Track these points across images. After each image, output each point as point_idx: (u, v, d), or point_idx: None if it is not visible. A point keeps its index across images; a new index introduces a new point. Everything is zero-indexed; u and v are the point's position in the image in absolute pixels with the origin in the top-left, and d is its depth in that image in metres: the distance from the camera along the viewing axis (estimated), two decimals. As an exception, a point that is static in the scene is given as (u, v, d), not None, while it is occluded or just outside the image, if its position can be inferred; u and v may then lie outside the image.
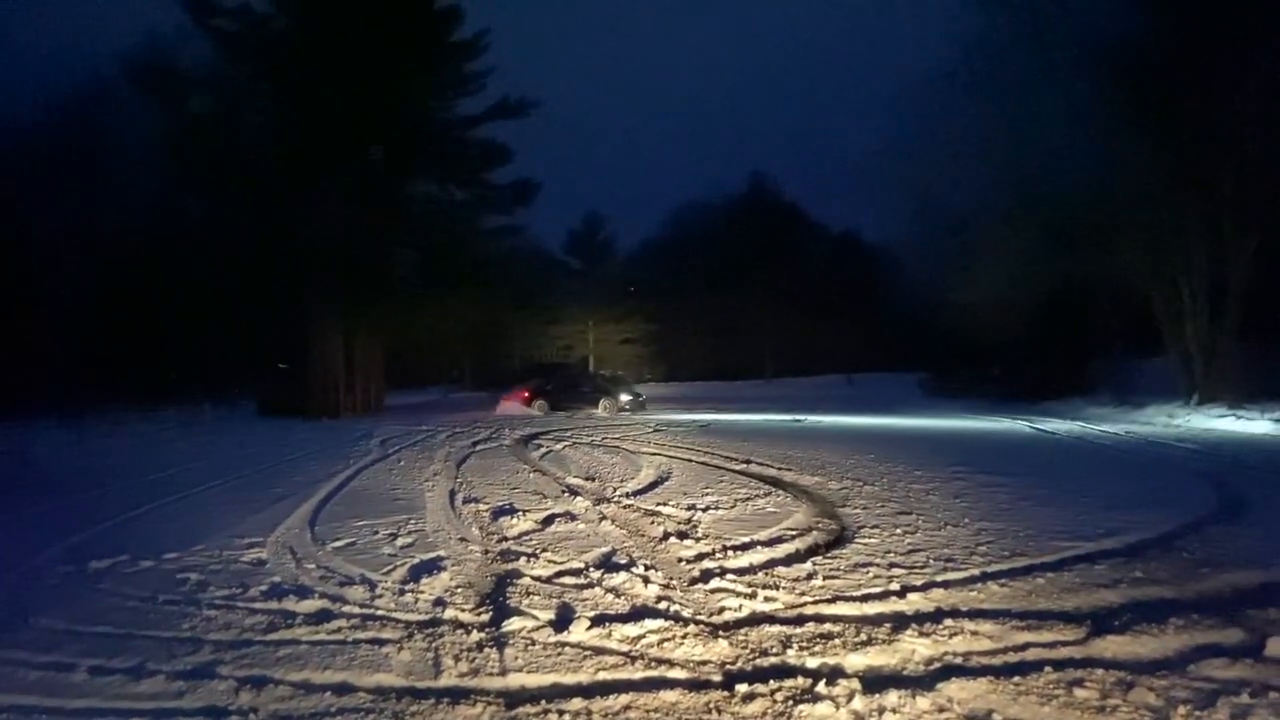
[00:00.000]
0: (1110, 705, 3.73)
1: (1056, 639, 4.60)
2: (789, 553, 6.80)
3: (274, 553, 7.19)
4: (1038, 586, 5.65)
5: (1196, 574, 5.89)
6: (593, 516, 8.49)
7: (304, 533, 8.07)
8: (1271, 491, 9.75)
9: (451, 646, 4.68)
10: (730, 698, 3.90)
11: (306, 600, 5.65)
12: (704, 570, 6.21)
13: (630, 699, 3.91)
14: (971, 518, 8.11)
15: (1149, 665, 4.19)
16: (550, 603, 5.44)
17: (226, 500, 10.31)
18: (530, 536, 7.63)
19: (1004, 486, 10.06)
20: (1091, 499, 9.01)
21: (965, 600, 5.38)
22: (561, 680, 4.21)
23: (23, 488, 12.24)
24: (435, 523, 8.43)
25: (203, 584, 6.15)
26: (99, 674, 4.38)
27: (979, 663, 4.29)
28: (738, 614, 5.16)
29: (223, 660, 4.54)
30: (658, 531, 7.65)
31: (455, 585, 5.98)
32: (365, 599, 5.68)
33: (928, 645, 4.52)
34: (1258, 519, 7.99)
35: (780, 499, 9.53)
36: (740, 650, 4.52)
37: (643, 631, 4.80)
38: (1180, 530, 7.34)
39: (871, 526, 7.75)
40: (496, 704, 3.91)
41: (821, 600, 5.40)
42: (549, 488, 10.76)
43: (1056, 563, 6.26)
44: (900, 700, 3.78)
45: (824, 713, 3.70)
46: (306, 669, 4.41)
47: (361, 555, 7.02)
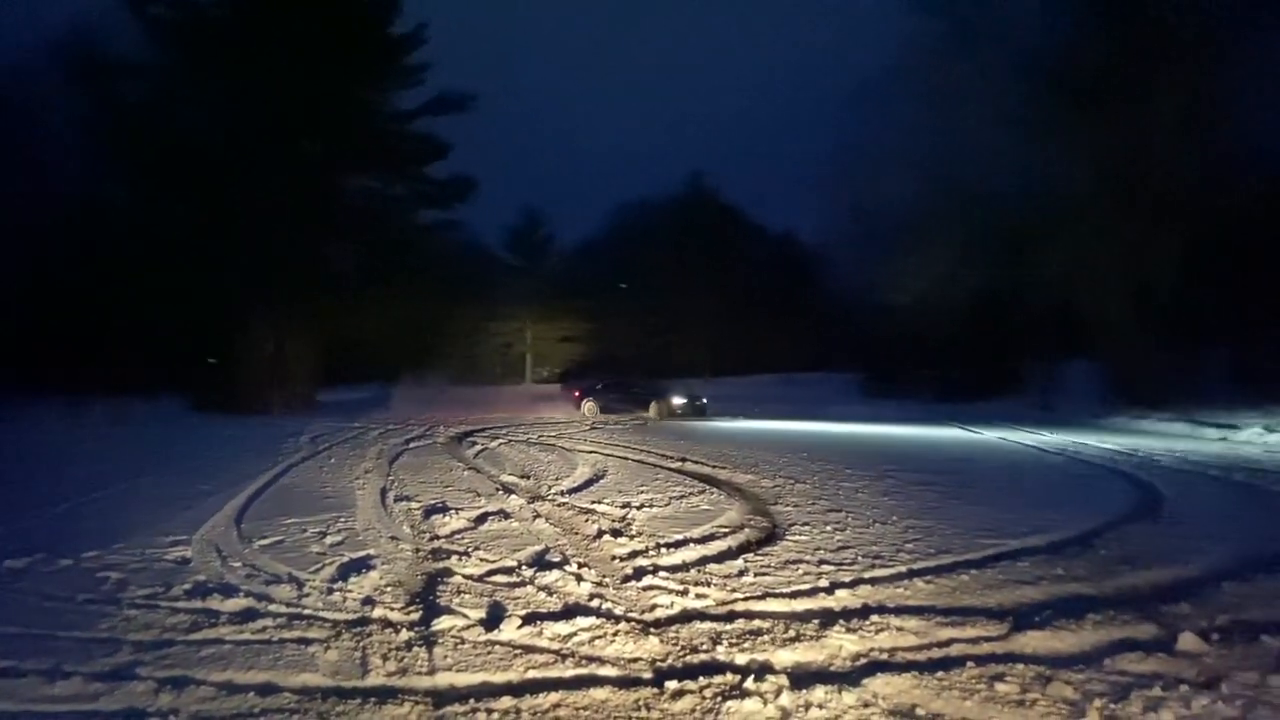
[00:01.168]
0: (1029, 699, 3.83)
1: (979, 635, 4.70)
2: (721, 550, 6.85)
3: (199, 551, 7.03)
4: (962, 583, 5.77)
5: (1114, 571, 6.06)
6: (526, 514, 8.45)
7: (230, 530, 7.91)
8: (1183, 490, 10.07)
9: (380, 646, 4.63)
10: (660, 695, 3.92)
11: (231, 599, 5.54)
12: (637, 568, 6.23)
13: (560, 697, 3.91)
14: (900, 515, 8.25)
15: (1067, 660, 4.30)
16: (481, 601, 5.41)
17: (151, 497, 10.05)
18: (463, 535, 7.57)
19: (932, 485, 10.24)
20: (1015, 499, 9.22)
21: (892, 597, 5.47)
22: (491, 679, 4.19)
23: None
24: (366, 521, 8.32)
25: (123, 583, 5.99)
26: (12, 676, 4.23)
27: (904, 658, 4.37)
28: (669, 611, 5.18)
29: (143, 661, 4.43)
30: (592, 529, 7.65)
31: (385, 584, 5.90)
32: (292, 598, 5.58)
33: (855, 641, 4.59)
34: (1173, 517, 8.24)
35: (714, 496, 9.59)
36: (671, 647, 4.54)
37: (574, 629, 4.79)
38: (1099, 529, 7.55)
39: (802, 524, 7.84)
40: (424, 703, 3.87)
41: (752, 597, 5.45)
42: (483, 485, 10.69)
43: (981, 560, 6.40)
44: (826, 696, 3.84)
45: (752, 709, 3.73)
46: (230, 669, 4.32)
47: (289, 553, 6.89)
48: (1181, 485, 10.47)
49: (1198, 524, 7.87)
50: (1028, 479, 11.14)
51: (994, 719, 3.65)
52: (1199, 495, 9.89)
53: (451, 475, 11.77)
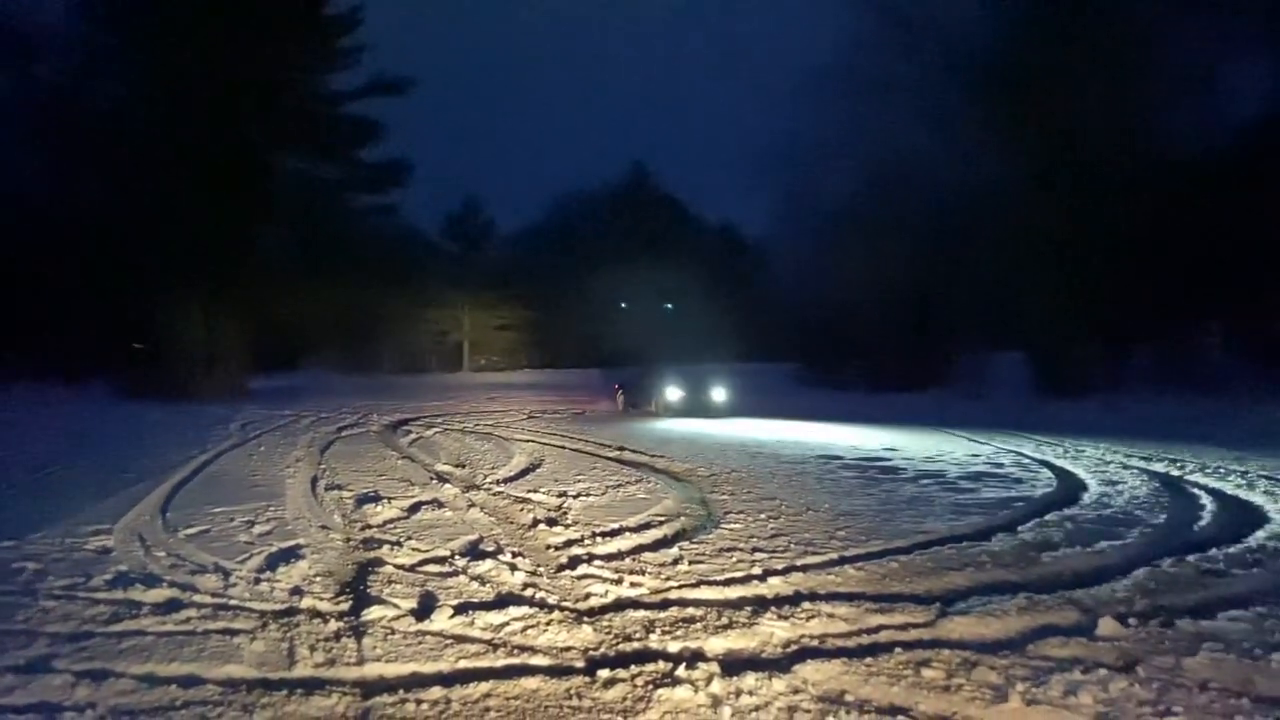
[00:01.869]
0: (955, 684, 3.89)
1: (907, 621, 4.77)
2: (657, 538, 6.87)
3: (121, 540, 6.85)
4: (891, 570, 5.86)
5: (1038, 558, 6.21)
6: (461, 504, 8.38)
7: (155, 519, 7.71)
8: (1097, 472, 10.30)
9: (308, 636, 4.55)
10: (591, 683, 3.91)
11: (155, 589, 5.40)
12: (572, 557, 6.21)
13: (491, 687, 3.88)
14: (832, 503, 8.35)
15: (992, 645, 4.39)
16: (413, 591, 5.35)
17: (72, 485, 9.77)
18: (395, 524, 7.48)
19: (864, 473, 10.38)
20: (940, 485, 9.39)
21: (823, 584, 5.53)
22: (421, 669, 4.14)
23: None
24: (295, 510, 8.17)
25: (41, 573, 5.80)
26: (-80, 671, 4.08)
27: (834, 645, 4.42)
28: (603, 600, 5.18)
29: (60, 654, 4.30)
30: (527, 518, 7.62)
31: (314, 574, 5.81)
32: (218, 588, 5.46)
33: (786, 628, 4.63)
34: (1091, 503, 8.44)
35: (651, 485, 9.61)
36: (604, 636, 4.54)
37: (507, 619, 4.77)
38: (1025, 515, 7.71)
39: (737, 512, 7.89)
40: (352, 694, 3.82)
41: (686, 585, 5.47)
42: (416, 475, 10.58)
43: (909, 547, 6.50)
44: (757, 682, 3.86)
45: (683, 696, 3.75)
46: (151, 661, 4.21)
47: (216, 543, 6.75)
48: (1102, 469, 10.76)
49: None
50: (951, 466, 11.29)
51: (920, 704, 3.71)
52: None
53: (385, 464, 11.64)
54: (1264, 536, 6.83)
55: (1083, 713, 3.61)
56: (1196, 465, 10.82)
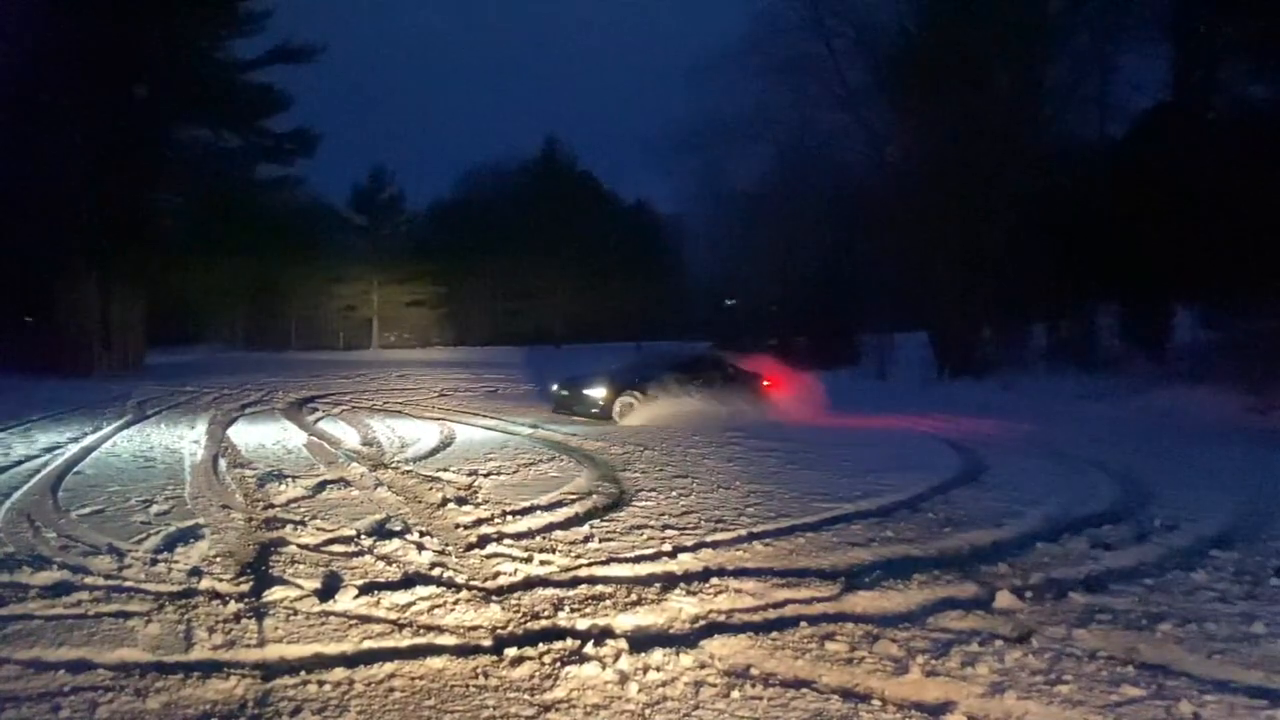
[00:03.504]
0: (857, 657, 3.98)
1: (813, 595, 4.87)
2: (568, 516, 6.87)
3: (8, 521, 6.57)
4: (798, 546, 5.96)
5: (939, 533, 6.39)
6: (368, 483, 8.24)
7: (45, 499, 7.42)
8: (997, 450, 10.61)
9: (206, 618, 4.42)
10: (499, 662, 3.89)
11: (43, 572, 5.18)
12: (481, 536, 6.16)
13: (395, 667, 3.83)
14: (742, 481, 8.44)
15: (894, 619, 4.50)
16: (317, 571, 5.24)
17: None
18: (299, 503, 7.32)
19: (773, 452, 10.52)
20: (850, 464, 9.58)
21: (732, 560, 5.60)
22: (324, 650, 4.06)
23: None
24: (196, 489, 7.94)
25: (-83, 557, 5.53)
26: None
27: (741, 620, 4.48)
28: (512, 578, 5.15)
29: (-62, 640, 4.10)
30: (436, 497, 7.53)
31: (214, 554, 5.65)
32: (112, 570, 5.27)
33: (694, 604, 4.67)
34: (994, 481, 8.71)
35: (564, 463, 9.60)
36: (512, 614, 4.52)
37: (413, 599, 4.71)
38: (927, 493, 7.93)
39: (649, 490, 7.93)
40: (252, 676, 3.72)
41: (596, 562, 5.48)
42: (322, 453, 10.37)
43: (817, 523, 6.63)
44: (665, 658, 3.89)
45: (590, 673, 3.75)
46: (38, 646, 4.05)
47: (110, 523, 6.51)
48: (997, 448, 11.10)
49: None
50: (859, 444, 11.51)
51: (824, 677, 3.79)
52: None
53: (290, 442, 11.38)
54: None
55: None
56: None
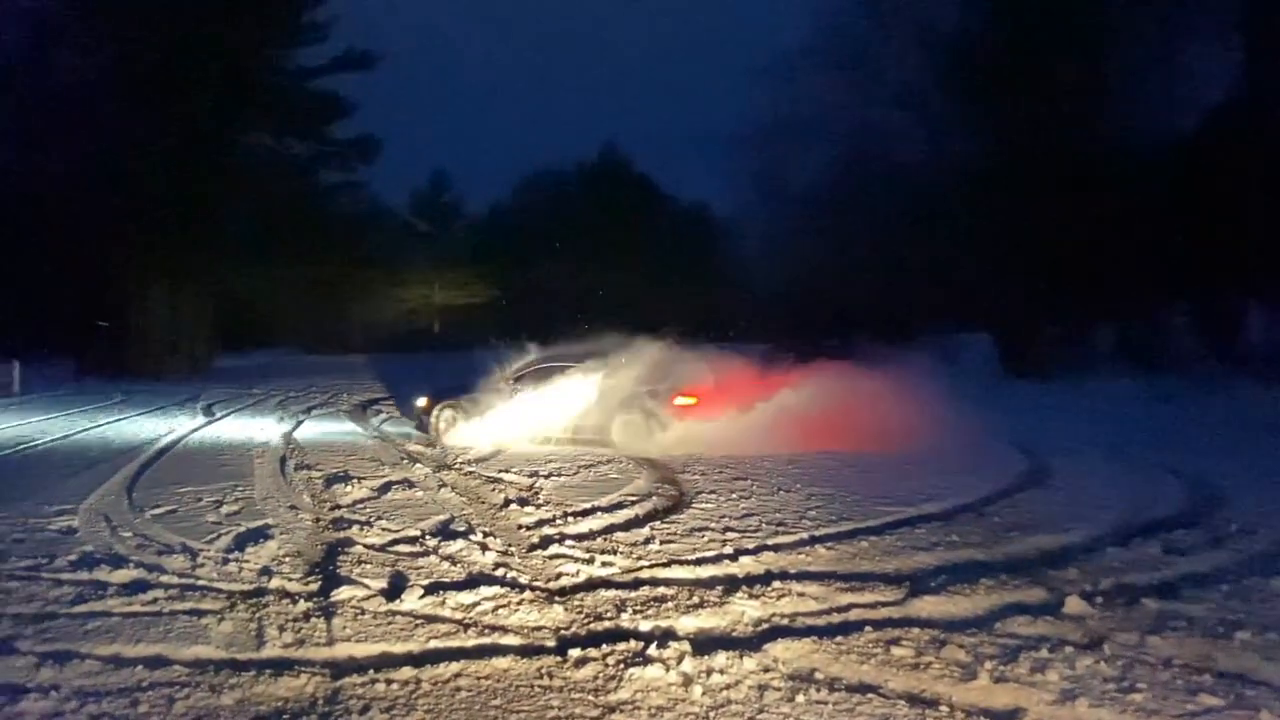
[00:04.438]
0: (924, 662, 3.93)
1: (877, 599, 4.82)
2: (628, 518, 6.88)
3: (86, 520, 6.77)
4: (861, 549, 5.90)
5: (1005, 538, 6.27)
6: (432, 483, 8.34)
7: (121, 499, 7.63)
8: (1068, 459, 10.34)
9: (276, 617, 4.52)
10: (562, 663, 3.91)
11: (120, 570, 5.34)
12: (543, 537, 6.21)
13: (461, 666, 3.87)
14: (803, 484, 8.37)
15: (960, 624, 4.44)
16: (383, 571, 5.32)
17: (35, 466, 9.64)
18: (365, 504, 7.44)
19: (832, 454, 10.39)
20: (913, 466, 9.43)
21: (794, 563, 5.56)
22: (391, 649, 4.13)
23: None
24: (264, 490, 8.11)
25: (3, 554, 5.73)
26: (-121, 653, 4.01)
27: (804, 623, 4.45)
28: (574, 579, 5.18)
29: (23, 634, 4.24)
30: (498, 498, 7.60)
31: (283, 554, 5.77)
32: (185, 568, 5.41)
33: (757, 607, 4.65)
34: (1060, 484, 8.52)
35: (623, 465, 9.61)
36: (575, 615, 4.54)
37: (478, 599, 4.76)
38: (991, 496, 7.78)
39: (709, 492, 7.91)
40: (322, 674, 3.80)
41: (657, 564, 5.49)
42: (387, 454, 10.52)
43: (880, 527, 6.55)
44: (728, 661, 3.88)
45: (654, 675, 3.76)
46: (117, 642, 4.17)
47: (183, 523, 6.68)
48: (1066, 455, 10.83)
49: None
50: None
51: (890, 682, 3.74)
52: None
53: (355, 443, 11.56)
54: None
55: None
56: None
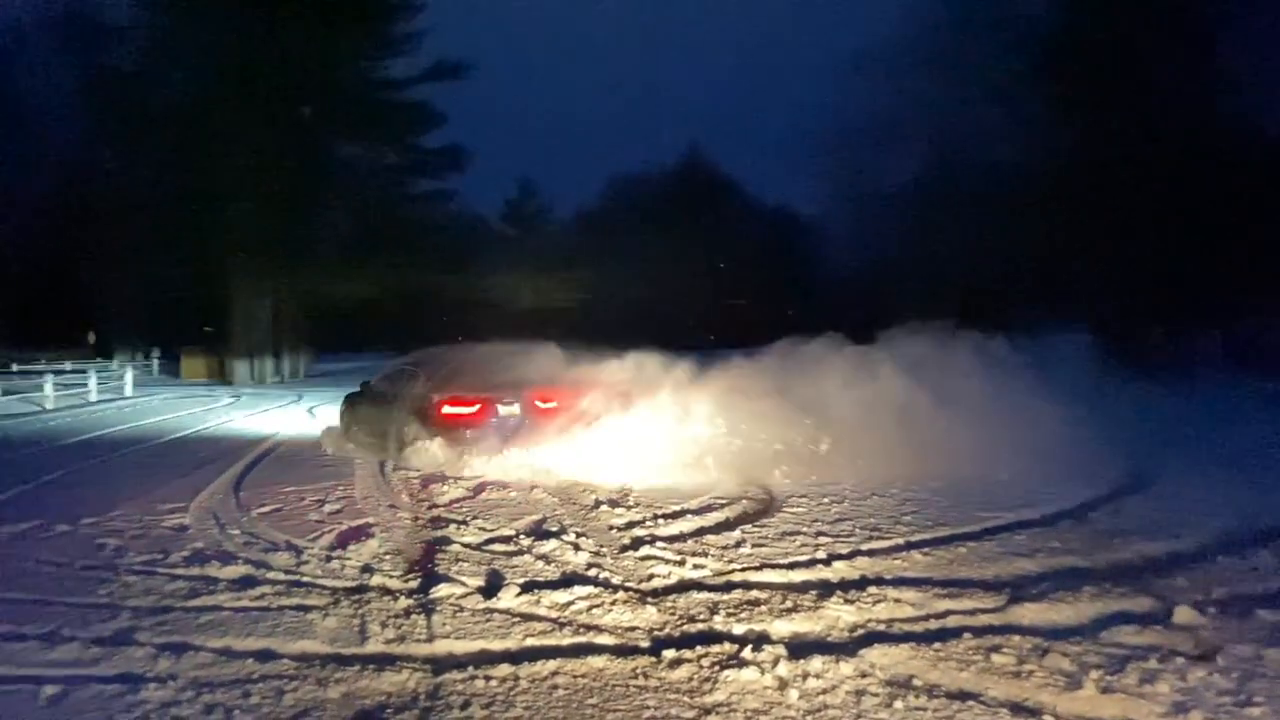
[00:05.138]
0: (1026, 670, 3.84)
1: (976, 606, 4.71)
2: (719, 521, 6.87)
3: (196, 518, 7.05)
4: (959, 555, 5.78)
5: (1109, 544, 6.08)
6: (524, 484, 8.45)
7: (228, 498, 7.92)
8: (1168, 457, 9.92)
9: (378, 613, 4.64)
10: (657, 663, 3.93)
11: (229, 566, 5.55)
12: (634, 538, 6.24)
13: (558, 665, 3.92)
14: (897, 487, 8.23)
15: (1064, 632, 4.31)
16: (479, 569, 5.42)
17: (147, 465, 10.08)
18: (461, 504, 7.59)
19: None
20: (1007, 472, 9.19)
21: (889, 568, 5.48)
22: (489, 646, 4.20)
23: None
24: (364, 489, 8.33)
25: (121, 550, 6.01)
26: (10, 640, 4.25)
27: (901, 629, 4.38)
28: (666, 581, 5.20)
29: (141, 626, 4.44)
30: (589, 499, 7.66)
31: (383, 552, 5.92)
32: (290, 565, 5.60)
33: (852, 612, 4.60)
34: (1167, 490, 8.21)
35: (711, 467, 9.56)
36: (668, 617, 4.55)
37: (572, 598, 4.81)
38: (1094, 502, 7.55)
39: (799, 495, 7.84)
40: (423, 670, 3.89)
41: (749, 568, 5.47)
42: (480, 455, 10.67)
43: (978, 532, 6.41)
44: (824, 666, 3.85)
45: (749, 678, 3.75)
46: (228, 636, 4.33)
47: (287, 521, 6.91)
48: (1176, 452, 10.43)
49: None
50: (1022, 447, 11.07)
51: (991, 690, 3.67)
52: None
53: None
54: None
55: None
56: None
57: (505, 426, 9.86)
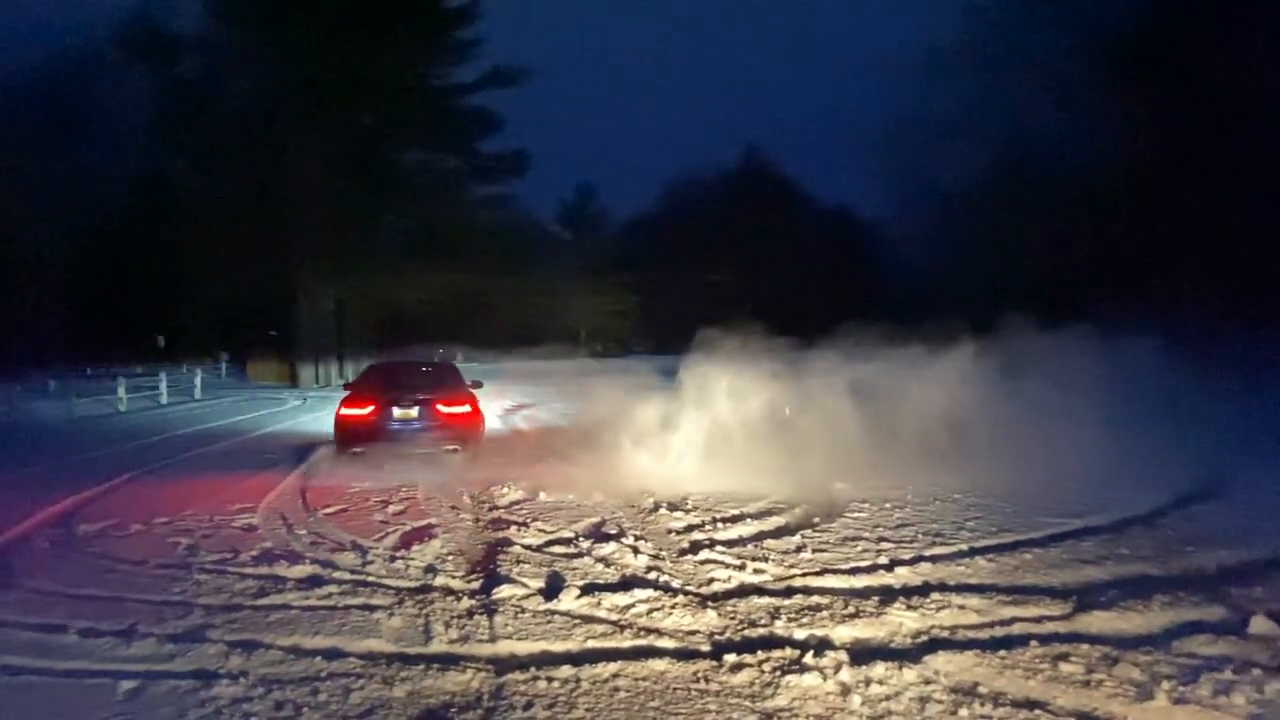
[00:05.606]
0: (1095, 680, 3.76)
1: (1042, 614, 4.63)
2: (778, 525, 6.83)
3: (265, 518, 7.21)
4: (1024, 562, 5.68)
5: (1181, 552, 5.93)
6: (583, 487, 8.50)
7: (295, 499, 8.08)
8: (1243, 461, 9.66)
9: (442, 613, 4.70)
10: (718, 667, 3.93)
11: (297, 566, 5.67)
12: (693, 542, 6.24)
13: (619, 667, 3.94)
14: (960, 492, 8.12)
15: (1134, 641, 4.22)
16: (540, 571, 5.46)
17: (217, 465, 10.32)
18: (521, 506, 7.66)
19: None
20: (1073, 476, 9.00)
21: (953, 575, 5.41)
22: (551, 648, 4.24)
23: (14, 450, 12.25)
24: (427, 491, 8.44)
25: (193, 548, 6.16)
26: (89, 636, 4.39)
27: (966, 636, 4.32)
28: (726, 585, 5.19)
29: (213, 624, 4.56)
30: (647, 503, 7.67)
31: (446, 553, 6.00)
32: (356, 565, 5.70)
33: (915, 618, 4.55)
34: (1241, 496, 7.98)
35: (767, 472, 9.52)
36: (729, 621, 4.55)
37: (632, 601, 4.82)
38: (1165, 508, 7.37)
39: (860, 500, 7.77)
40: (486, 670, 3.93)
41: (810, 573, 5.43)
42: (537, 457, 10.76)
43: (1043, 539, 6.29)
44: (887, 672, 3.82)
45: (811, 683, 3.73)
46: (297, 634, 4.43)
47: (353, 521, 7.04)
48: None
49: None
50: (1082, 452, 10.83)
51: (1058, 699, 3.60)
52: None
53: (505, 447, 11.88)
54: None
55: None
56: None
57: (401, 430, 10.14)
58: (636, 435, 10.05)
